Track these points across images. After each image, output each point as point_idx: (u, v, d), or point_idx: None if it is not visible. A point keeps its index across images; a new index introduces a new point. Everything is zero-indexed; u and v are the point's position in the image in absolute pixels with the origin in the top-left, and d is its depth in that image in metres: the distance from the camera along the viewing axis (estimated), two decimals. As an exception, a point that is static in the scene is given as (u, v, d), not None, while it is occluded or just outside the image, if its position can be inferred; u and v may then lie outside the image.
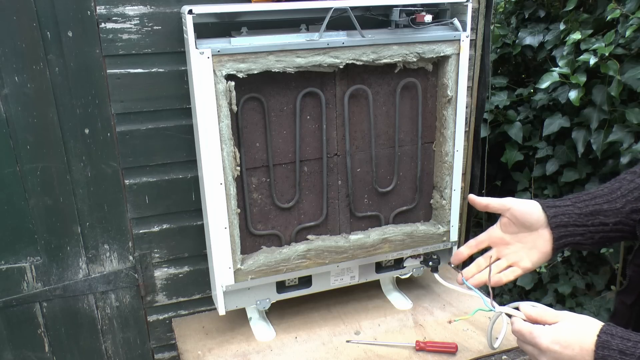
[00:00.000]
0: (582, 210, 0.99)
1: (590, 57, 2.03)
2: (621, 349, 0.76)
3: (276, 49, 1.25)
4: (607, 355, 0.77)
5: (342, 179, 1.46)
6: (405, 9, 1.33)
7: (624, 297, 1.06)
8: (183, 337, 1.54)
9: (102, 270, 1.59)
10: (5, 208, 1.44)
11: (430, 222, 1.59)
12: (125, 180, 1.52)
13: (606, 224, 0.98)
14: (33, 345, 1.59)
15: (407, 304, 1.63)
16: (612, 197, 0.99)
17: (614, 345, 0.76)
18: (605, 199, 0.99)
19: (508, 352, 1.42)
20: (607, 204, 0.98)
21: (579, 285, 2.44)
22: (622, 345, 0.76)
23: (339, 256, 1.47)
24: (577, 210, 0.99)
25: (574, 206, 1.00)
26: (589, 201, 0.99)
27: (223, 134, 1.26)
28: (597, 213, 0.98)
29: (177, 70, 1.46)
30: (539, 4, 2.49)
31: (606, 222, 0.98)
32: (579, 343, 0.79)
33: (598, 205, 0.99)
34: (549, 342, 0.82)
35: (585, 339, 0.79)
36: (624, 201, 0.98)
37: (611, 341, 0.77)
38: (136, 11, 1.38)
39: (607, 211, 0.98)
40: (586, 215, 0.99)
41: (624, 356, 0.75)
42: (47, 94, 1.39)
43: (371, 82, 1.41)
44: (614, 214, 0.98)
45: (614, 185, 1.01)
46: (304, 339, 1.49)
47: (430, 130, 1.52)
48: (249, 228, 1.40)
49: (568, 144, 2.32)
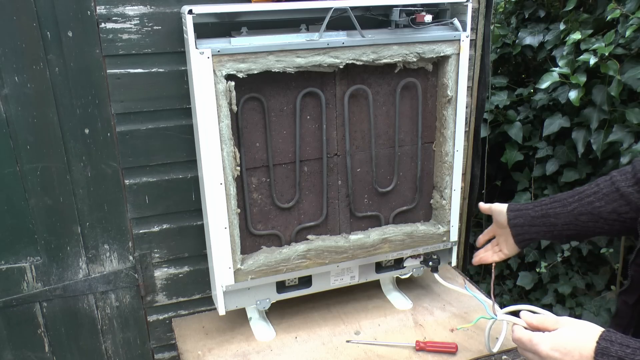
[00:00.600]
0: (536, 213, 1.20)
1: (590, 57, 2.03)
2: (620, 356, 0.76)
3: (276, 49, 1.25)
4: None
5: (342, 179, 1.47)
6: (405, 9, 1.33)
7: (626, 297, 1.07)
8: (183, 337, 1.54)
9: (102, 270, 1.59)
10: (5, 208, 1.45)
11: (430, 222, 1.59)
12: (125, 180, 1.52)
13: (555, 224, 1.17)
14: (33, 345, 1.59)
15: (407, 304, 1.63)
16: (569, 200, 1.16)
17: (613, 351, 0.77)
18: (562, 203, 1.17)
19: (508, 352, 1.42)
20: (561, 207, 1.17)
21: (579, 285, 2.44)
22: (621, 352, 0.76)
23: (339, 256, 1.47)
24: (532, 213, 1.21)
25: (533, 210, 1.21)
26: (547, 205, 1.19)
27: (223, 134, 1.26)
28: (548, 216, 1.18)
29: (177, 70, 1.46)
30: (539, 4, 2.49)
31: (555, 223, 1.17)
32: (579, 350, 0.80)
33: (552, 209, 1.18)
34: (548, 349, 0.83)
35: (584, 346, 0.80)
36: (576, 205, 1.14)
37: (610, 348, 0.78)
38: (136, 11, 1.38)
39: (559, 214, 1.16)
40: (538, 217, 1.20)
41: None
42: (47, 94, 1.39)
43: (371, 82, 1.41)
44: (565, 216, 1.15)
45: (583, 188, 1.17)
46: (304, 339, 1.49)
47: (430, 130, 1.52)
48: (249, 228, 1.40)
49: (568, 144, 2.32)
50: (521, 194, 2.53)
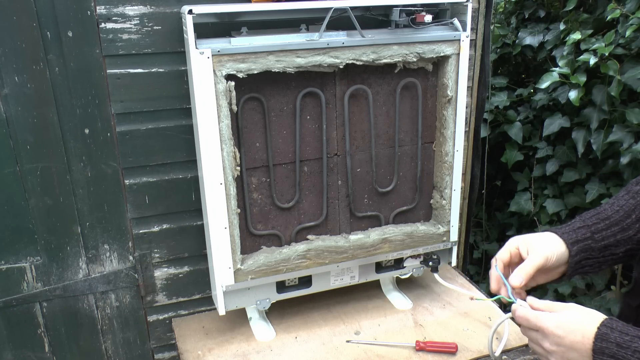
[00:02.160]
0: (598, 245, 1.00)
1: (590, 57, 2.03)
2: (618, 342, 0.78)
3: (276, 49, 1.25)
4: (605, 347, 0.79)
5: (342, 179, 1.46)
6: (405, 9, 1.33)
7: (630, 299, 1.07)
8: (183, 337, 1.54)
9: (102, 270, 1.59)
10: (5, 208, 1.44)
11: (430, 222, 1.59)
12: (125, 180, 1.52)
13: (616, 253, 1.00)
14: (33, 345, 1.59)
15: (407, 304, 1.63)
16: (627, 222, 1.00)
17: (612, 338, 0.79)
18: (621, 227, 1.00)
19: (508, 352, 1.42)
20: (621, 233, 1.00)
21: (579, 285, 2.44)
22: (620, 339, 0.78)
23: (339, 256, 1.47)
24: (594, 245, 1.00)
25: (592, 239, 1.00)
26: (606, 231, 1.00)
27: (223, 134, 1.26)
28: (610, 245, 1.00)
29: (177, 70, 1.45)
30: (539, 4, 2.49)
31: (616, 252, 1.00)
32: (582, 331, 0.81)
33: (613, 236, 1.00)
34: (553, 326, 0.83)
35: (587, 328, 0.81)
36: (638, 226, 1.00)
37: (610, 334, 0.79)
38: (136, 11, 1.38)
39: (620, 241, 0.99)
40: (600, 249, 1.00)
41: (620, 349, 0.78)
42: (47, 94, 1.39)
43: (371, 82, 1.41)
44: (625, 242, 1.00)
45: (629, 203, 1.01)
46: (304, 339, 1.49)
47: (430, 130, 1.52)
48: (249, 228, 1.40)
49: (568, 144, 2.32)
50: (521, 194, 2.53)
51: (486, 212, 2.78)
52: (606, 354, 0.79)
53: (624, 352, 0.77)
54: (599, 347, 0.79)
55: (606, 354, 0.79)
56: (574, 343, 0.81)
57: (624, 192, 1.05)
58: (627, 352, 0.77)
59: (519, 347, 1.43)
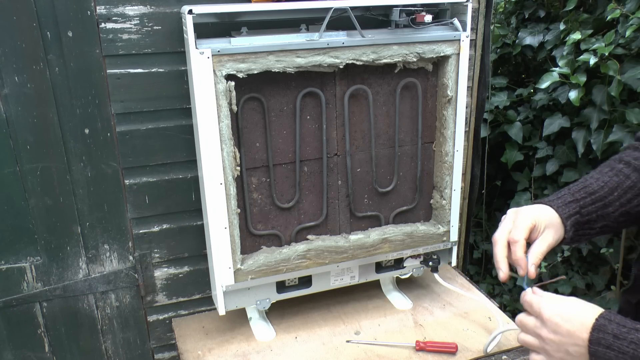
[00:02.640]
0: (583, 219, 1.03)
1: (590, 57, 2.03)
2: (615, 334, 0.79)
3: (276, 49, 1.25)
4: (601, 337, 0.80)
5: (342, 179, 1.46)
6: (405, 9, 1.33)
7: (629, 296, 1.07)
8: (183, 337, 1.54)
9: (102, 270, 1.59)
10: (5, 208, 1.44)
11: (430, 222, 1.59)
12: (125, 180, 1.52)
13: (593, 228, 1.04)
14: (33, 345, 1.59)
15: (407, 304, 1.63)
16: (609, 199, 1.02)
17: (609, 329, 0.80)
18: (603, 203, 1.02)
19: (508, 352, 1.42)
20: (602, 209, 1.03)
21: (579, 285, 2.44)
22: (617, 330, 0.79)
23: (339, 256, 1.47)
24: (580, 219, 1.02)
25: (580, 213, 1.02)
26: (591, 206, 1.03)
27: (223, 134, 1.26)
28: (591, 221, 1.03)
29: (177, 70, 1.46)
30: (539, 4, 2.49)
31: (594, 227, 1.03)
32: (580, 320, 0.82)
33: (595, 212, 1.03)
34: (552, 313, 0.85)
35: (585, 318, 0.82)
36: (618, 204, 1.02)
37: (607, 325, 0.80)
38: (136, 11, 1.38)
39: (599, 217, 1.03)
40: (582, 224, 1.03)
41: (616, 339, 0.79)
42: (47, 94, 1.39)
43: (371, 82, 1.41)
44: (603, 219, 1.03)
45: (613, 180, 1.03)
46: (304, 339, 1.49)
47: (430, 130, 1.52)
48: (249, 228, 1.40)
49: (568, 144, 2.32)
50: (521, 194, 2.53)
51: (486, 212, 2.78)
52: (602, 344, 0.80)
53: (620, 342, 0.78)
54: (596, 337, 0.80)
55: (602, 344, 0.80)
56: (571, 332, 0.82)
57: (607, 167, 1.06)
58: (622, 343, 0.78)
59: (519, 347, 1.43)
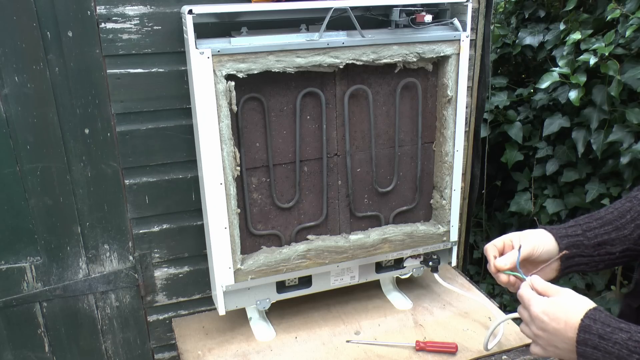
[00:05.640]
0: (590, 242, 1.02)
1: (590, 57, 2.03)
2: (600, 334, 0.81)
3: (276, 49, 1.25)
4: (587, 338, 0.82)
5: (342, 179, 1.46)
6: (405, 9, 1.33)
7: (630, 300, 1.07)
8: (183, 337, 1.54)
9: (102, 270, 1.59)
10: (5, 208, 1.44)
11: (430, 222, 1.59)
12: (125, 180, 1.52)
13: (612, 252, 1.02)
14: (33, 345, 1.59)
15: (407, 304, 1.63)
16: (622, 222, 1.02)
17: (594, 329, 0.82)
18: (614, 226, 1.02)
19: (508, 352, 1.42)
20: (615, 232, 1.01)
21: (579, 285, 2.44)
22: (602, 330, 0.81)
23: (339, 256, 1.47)
24: (586, 242, 1.02)
25: (584, 236, 1.02)
26: (599, 229, 1.02)
27: (223, 134, 1.26)
28: (605, 243, 1.02)
29: (177, 70, 1.46)
30: (539, 4, 2.49)
31: (612, 252, 1.02)
32: (565, 319, 0.84)
33: (607, 234, 1.02)
34: (539, 311, 0.87)
35: (572, 317, 0.84)
36: (633, 226, 1.01)
37: (592, 326, 0.82)
38: (136, 11, 1.38)
39: (615, 240, 1.01)
40: (593, 247, 1.02)
41: (602, 340, 0.81)
42: (47, 94, 1.39)
43: (371, 82, 1.41)
44: (621, 242, 1.02)
45: (625, 205, 1.04)
46: (304, 339, 1.49)
47: (430, 130, 1.52)
48: (249, 228, 1.40)
49: (568, 144, 2.32)
50: (521, 194, 2.53)
51: (486, 212, 2.78)
52: (589, 345, 0.82)
53: (605, 343, 0.80)
54: (582, 338, 0.82)
55: (589, 345, 0.82)
56: (557, 330, 0.84)
57: (623, 198, 1.07)
58: (607, 344, 0.80)
59: (519, 347, 1.43)
